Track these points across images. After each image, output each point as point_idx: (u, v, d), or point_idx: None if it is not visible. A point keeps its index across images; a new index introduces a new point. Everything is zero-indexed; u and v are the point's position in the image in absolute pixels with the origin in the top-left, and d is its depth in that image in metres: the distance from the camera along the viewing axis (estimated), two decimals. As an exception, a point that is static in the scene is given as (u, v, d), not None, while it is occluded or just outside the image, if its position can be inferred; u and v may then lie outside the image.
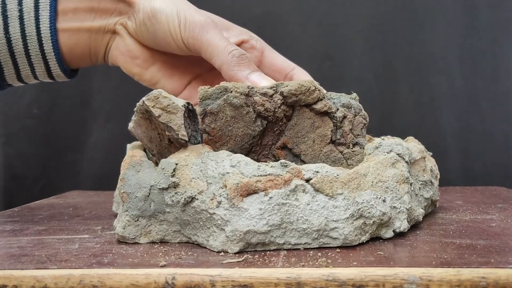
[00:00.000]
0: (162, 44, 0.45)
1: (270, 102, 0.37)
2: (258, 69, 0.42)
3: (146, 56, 0.46)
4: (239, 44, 0.48)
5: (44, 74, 0.46)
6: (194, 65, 0.48)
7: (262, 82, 0.41)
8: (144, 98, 0.37)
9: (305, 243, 0.33)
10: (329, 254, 0.32)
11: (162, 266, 0.29)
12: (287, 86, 0.37)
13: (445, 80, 0.78)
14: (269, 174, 0.34)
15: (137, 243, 0.36)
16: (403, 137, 0.47)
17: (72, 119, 0.78)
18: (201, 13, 0.43)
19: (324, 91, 0.39)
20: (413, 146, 0.42)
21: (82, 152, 0.78)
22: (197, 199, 0.34)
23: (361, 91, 0.49)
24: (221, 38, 0.42)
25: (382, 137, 0.41)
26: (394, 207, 0.36)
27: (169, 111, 0.36)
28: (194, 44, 0.43)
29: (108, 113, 0.77)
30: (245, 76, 0.41)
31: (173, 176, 0.35)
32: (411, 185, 0.38)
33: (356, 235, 0.34)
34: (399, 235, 0.37)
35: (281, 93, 0.37)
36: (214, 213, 0.33)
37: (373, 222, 0.35)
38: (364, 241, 0.35)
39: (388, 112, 0.78)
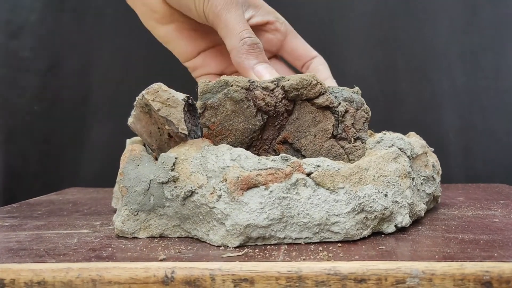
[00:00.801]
0: (184, 8, 0.44)
1: (271, 96, 0.37)
2: (268, 61, 0.42)
3: (166, 13, 0.46)
4: (263, 25, 0.48)
5: None
6: (213, 34, 0.47)
7: (266, 75, 0.40)
8: (143, 92, 0.36)
9: (306, 237, 0.33)
10: (331, 248, 0.32)
11: (161, 260, 0.29)
12: (288, 80, 0.37)
13: (446, 77, 0.77)
14: (269, 168, 0.33)
15: (136, 237, 0.36)
16: (404, 133, 0.47)
17: (72, 116, 0.77)
18: None
19: (326, 85, 0.39)
20: (414, 141, 0.42)
21: (82, 149, 0.77)
22: (197, 193, 0.34)
23: (362, 88, 0.48)
24: (239, 21, 0.42)
25: (384, 132, 0.41)
26: (396, 201, 0.35)
27: (169, 104, 0.36)
28: (213, 20, 0.43)
29: (108, 110, 0.77)
30: (251, 66, 0.41)
31: (172, 170, 0.35)
32: (413, 180, 0.38)
33: (357, 229, 0.34)
34: (401, 230, 0.36)
35: (282, 87, 0.37)
36: (214, 207, 0.33)
37: (375, 216, 0.34)
38: (366, 236, 0.34)
39: (389, 109, 0.78)
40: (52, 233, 0.38)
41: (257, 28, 0.48)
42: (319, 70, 0.49)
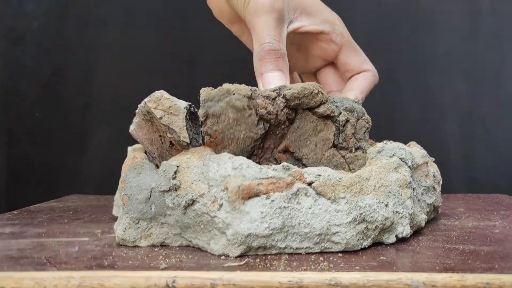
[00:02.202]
0: (237, 13, 0.46)
1: (272, 105, 0.37)
2: (282, 69, 0.42)
3: (232, 15, 0.48)
4: (317, 34, 0.48)
5: None
6: None
7: (272, 84, 0.41)
8: (146, 100, 0.37)
9: (306, 247, 0.33)
10: (331, 258, 0.32)
11: (162, 269, 0.29)
12: (290, 89, 0.37)
13: (447, 86, 0.77)
14: (271, 177, 0.33)
15: (138, 246, 0.36)
16: (405, 143, 0.47)
17: (74, 123, 0.78)
18: None
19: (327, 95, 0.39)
20: (415, 151, 0.42)
21: (83, 156, 0.78)
22: (198, 201, 0.34)
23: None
24: (267, 26, 0.42)
25: (385, 141, 0.41)
26: (397, 212, 0.35)
27: (171, 112, 0.36)
28: (248, 25, 0.44)
29: (110, 117, 0.77)
30: (261, 72, 0.42)
31: (174, 178, 0.35)
32: (413, 190, 0.38)
33: (358, 239, 0.34)
34: (401, 240, 0.36)
35: (284, 96, 0.37)
36: (215, 216, 0.33)
37: (376, 226, 0.34)
38: (366, 246, 0.34)
39: (390, 118, 0.78)
40: (53, 241, 0.38)
41: (311, 36, 0.49)
42: (356, 81, 0.49)
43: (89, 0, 0.77)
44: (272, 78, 0.41)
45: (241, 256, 0.32)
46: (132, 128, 0.39)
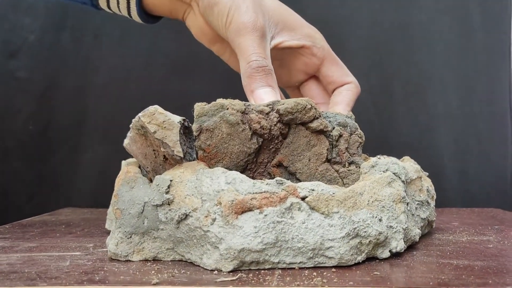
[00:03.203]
0: (218, 33, 0.47)
1: (266, 119, 0.37)
2: (272, 84, 0.42)
3: (212, 35, 0.49)
4: (298, 48, 0.49)
5: (125, 9, 0.50)
6: None
7: (264, 99, 0.41)
8: (140, 114, 0.37)
9: (300, 262, 0.33)
10: (325, 273, 0.32)
11: (154, 284, 0.29)
12: (283, 104, 0.37)
13: (441, 101, 0.78)
14: (264, 192, 0.33)
15: (130, 260, 0.36)
16: (399, 158, 0.47)
17: (68, 136, 0.77)
18: (250, 13, 0.44)
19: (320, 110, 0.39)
20: (409, 165, 0.42)
21: (77, 169, 0.77)
22: (191, 216, 0.34)
23: (358, 111, 0.49)
24: (251, 45, 0.43)
25: (378, 156, 0.41)
26: (391, 226, 0.35)
27: (164, 127, 0.36)
28: (232, 44, 0.45)
29: (104, 131, 0.77)
30: (251, 90, 0.42)
31: (167, 192, 0.35)
32: (407, 204, 0.38)
33: (352, 254, 0.34)
34: (395, 255, 0.36)
35: (277, 111, 0.37)
36: (208, 231, 0.33)
37: (369, 241, 0.34)
38: (360, 261, 0.34)
39: (385, 133, 0.78)
40: (44, 255, 0.37)
41: (293, 51, 0.49)
42: (340, 95, 0.49)
43: (84, 14, 0.77)
44: (264, 94, 0.41)
45: (234, 271, 0.32)
46: (126, 142, 0.39)
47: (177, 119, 0.37)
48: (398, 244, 0.35)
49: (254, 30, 0.43)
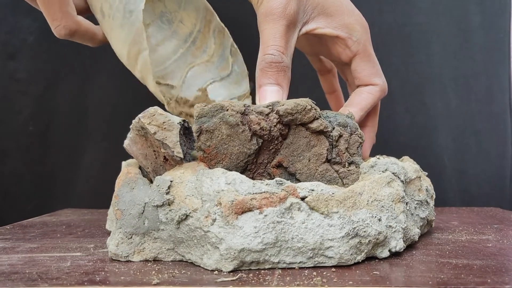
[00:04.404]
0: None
1: (266, 120, 0.37)
2: (281, 83, 0.41)
3: None
4: (334, 37, 0.46)
5: None
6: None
7: (267, 99, 0.40)
8: (140, 115, 0.37)
9: (300, 262, 0.33)
10: (324, 273, 0.32)
11: (155, 285, 0.29)
12: (283, 105, 0.37)
13: (440, 101, 0.78)
14: (264, 192, 0.33)
15: (130, 261, 0.36)
16: (398, 158, 0.47)
17: (68, 137, 0.77)
18: None
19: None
20: (408, 165, 0.42)
21: (77, 170, 0.77)
22: (192, 216, 0.34)
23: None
24: (273, 35, 0.41)
25: (378, 156, 0.41)
26: (390, 226, 0.35)
27: (165, 128, 0.36)
28: (259, 27, 0.42)
29: (104, 132, 0.77)
30: (259, 84, 0.41)
31: (167, 193, 0.35)
32: (406, 204, 0.38)
33: (351, 254, 0.34)
34: (395, 254, 0.36)
35: (277, 112, 0.37)
36: (208, 231, 0.33)
37: (369, 241, 0.34)
38: (360, 261, 0.34)
39: (384, 132, 0.78)
40: (45, 256, 0.37)
41: (328, 39, 0.47)
42: (359, 96, 0.47)
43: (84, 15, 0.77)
44: (269, 93, 0.41)
45: (234, 271, 0.32)
46: (126, 143, 0.39)
47: (177, 120, 0.37)
48: (397, 244, 0.36)
49: (281, 17, 0.41)
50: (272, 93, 0.41)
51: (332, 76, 0.56)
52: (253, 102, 0.45)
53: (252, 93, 0.54)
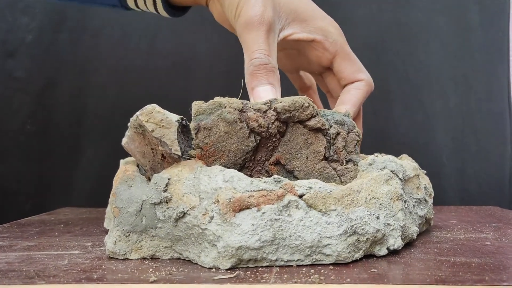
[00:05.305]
0: (230, 23, 0.46)
1: (263, 118, 0.37)
2: (272, 82, 0.42)
3: (230, 24, 0.47)
4: (310, 41, 0.47)
5: (151, 5, 0.50)
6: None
7: (262, 98, 0.41)
8: (138, 113, 0.37)
9: (297, 259, 0.33)
10: (322, 271, 0.32)
11: (152, 282, 0.29)
12: (280, 102, 0.37)
13: (439, 99, 0.78)
14: (262, 190, 0.33)
15: (128, 259, 0.36)
16: (397, 156, 0.47)
17: (66, 136, 0.77)
18: (259, 6, 0.42)
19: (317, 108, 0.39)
20: (406, 163, 0.42)
21: (75, 169, 0.77)
22: (189, 214, 0.34)
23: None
24: (256, 40, 0.42)
25: (376, 154, 0.41)
26: (388, 224, 0.35)
27: (162, 126, 0.36)
28: (239, 38, 0.44)
29: (102, 130, 0.77)
30: (251, 87, 0.42)
31: (165, 191, 0.35)
32: (405, 202, 0.38)
33: (349, 252, 0.34)
34: (393, 252, 0.36)
35: (275, 109, 0.37)
36: (206, 229, 0.33)
37: (367, 239, 0.34)
38: (358, 258, 0.34)
39: (383, 131, 0.78)
40: (43, 254, 0.37)
41: (305, 43, 0.48)
42: (348, 93, 0.48)
43: (83, 14, 0.77)
44: (263, 92, 0.41)
45: (232, 268, 0.32)
46: (124, 141, 0.39)
47: (175, 117, 0.37)
48: (395, 242, 0.36)
49: (261, 24, 0.42)
50: (266, 92, 0.41)
51: (312, 92, 0.57)
52: None
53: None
